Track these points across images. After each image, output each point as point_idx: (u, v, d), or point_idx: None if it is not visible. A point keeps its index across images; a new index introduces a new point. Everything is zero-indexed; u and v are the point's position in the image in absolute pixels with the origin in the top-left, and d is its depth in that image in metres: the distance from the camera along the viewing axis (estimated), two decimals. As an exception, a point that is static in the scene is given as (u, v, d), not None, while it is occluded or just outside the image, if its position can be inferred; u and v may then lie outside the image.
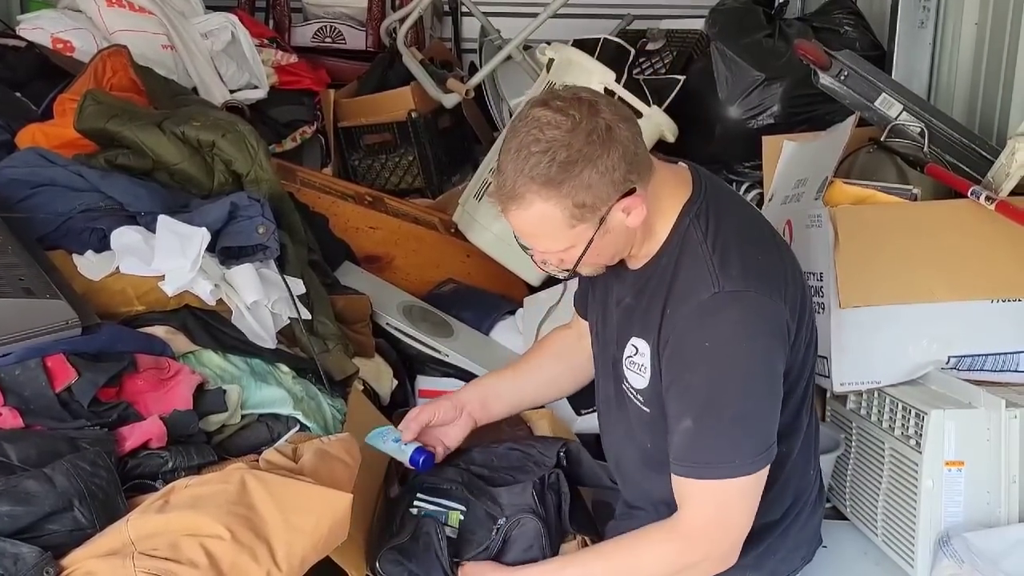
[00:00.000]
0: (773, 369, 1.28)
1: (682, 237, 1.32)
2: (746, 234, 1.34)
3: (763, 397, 1.28)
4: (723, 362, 1.26)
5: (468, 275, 2.73)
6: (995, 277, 1.71)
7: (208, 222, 1.71)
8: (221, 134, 1.93)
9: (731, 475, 1.26)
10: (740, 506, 1.29)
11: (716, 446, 1.27)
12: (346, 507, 1.23)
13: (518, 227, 1.28)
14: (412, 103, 3.01)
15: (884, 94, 2.09)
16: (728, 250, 1.29)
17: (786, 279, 1.32)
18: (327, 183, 2.81)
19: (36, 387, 1.36)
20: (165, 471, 1.35)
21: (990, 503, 1.58)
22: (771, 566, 1.43)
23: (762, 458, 1.27)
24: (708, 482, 1.27)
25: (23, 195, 1.74)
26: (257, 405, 1.59)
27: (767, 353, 1.27)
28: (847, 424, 1.88)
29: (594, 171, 1.19)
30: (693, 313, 1.26)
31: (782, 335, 1.29)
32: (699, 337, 1.26)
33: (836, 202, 1.82)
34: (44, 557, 1.10)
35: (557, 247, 1.28)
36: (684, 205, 1.33)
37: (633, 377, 1.39)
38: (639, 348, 1.36)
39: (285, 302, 1.79)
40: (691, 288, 1.28)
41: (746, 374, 1.26)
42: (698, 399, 1.27)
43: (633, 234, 1.31)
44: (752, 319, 1.26)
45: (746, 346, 1.26)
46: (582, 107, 1.20)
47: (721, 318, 1.25)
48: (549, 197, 1.20)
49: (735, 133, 2.63)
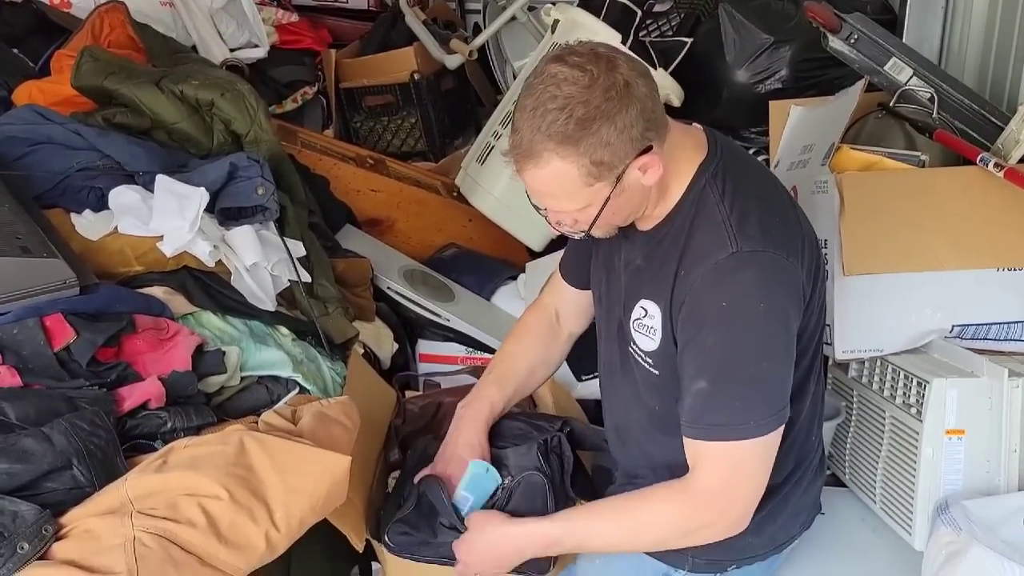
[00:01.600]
0: (789, 330, 1.27)
1: (697, 197, 1.30)
2: (763, 196, 1.33)
3: (779, 358, 1.26)
4: (740, 322, 1.24)
5: (470, 239, 2.72)
6: (1002, 245, 1.69)
7: (207, 182, 1.70)
8: (220, 93, 1.91)
9: (745, 436, 1.24)
10: (753, 468, 1.28)
11: (730, 407, 1.25)
12: (344, 469, 1.23)
13: (533, 186, 1.25)
14: (415, 64, 2.97)
15: (894, 58, 2.06)
16: (746, 211, 1.27)
17: (802, 242, 1.31)
18: (328, 145, 2.79)
19: (34, 346, 1.36)
20: (164, 431, 1.36)
21: (989, 472, 1.58)
22: (771, 532, 1.43)
23: (775, 419, 1.26)
24: (721, 444, 1.25)
25: (20, 153, 1.73)
26: (256, 367, 1.59)
27: (784, 314, 1.26)
28: (848, 392, 1.87)
29: (612, 128, 1.17)
30: (710, 273, 1.24)
31: (798, 297, 1.28)
32: (716, 297, 1.24)
33: (843, 168, 1.79)
34: (43, 515, 1.10)
35: (573, 206, 1.26)
36: (700, 166, 1.31)
37: (642, 340, 1.37)
38: (648, 310, 1.34)
39: (285, 264, 1.78)
40: (708, 248, 1.26)
41: (763, 334, 1.25)
42: (714, 360, 1.26)
43: (648, 193, 1.29)
44: (770, 279, 1.24)
45: (764, 306, 1.24)
46: (600, 63, 1.18)
47: (739, 278, 1.24)
48: (566, 155, 1.18)
49: (742, 98, 2.59)
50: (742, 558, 1.45)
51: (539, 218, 2.00)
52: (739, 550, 1.43)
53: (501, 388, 1.56)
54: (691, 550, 1.41)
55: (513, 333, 1.66)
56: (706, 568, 1.44)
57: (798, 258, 1.28)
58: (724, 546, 1.41)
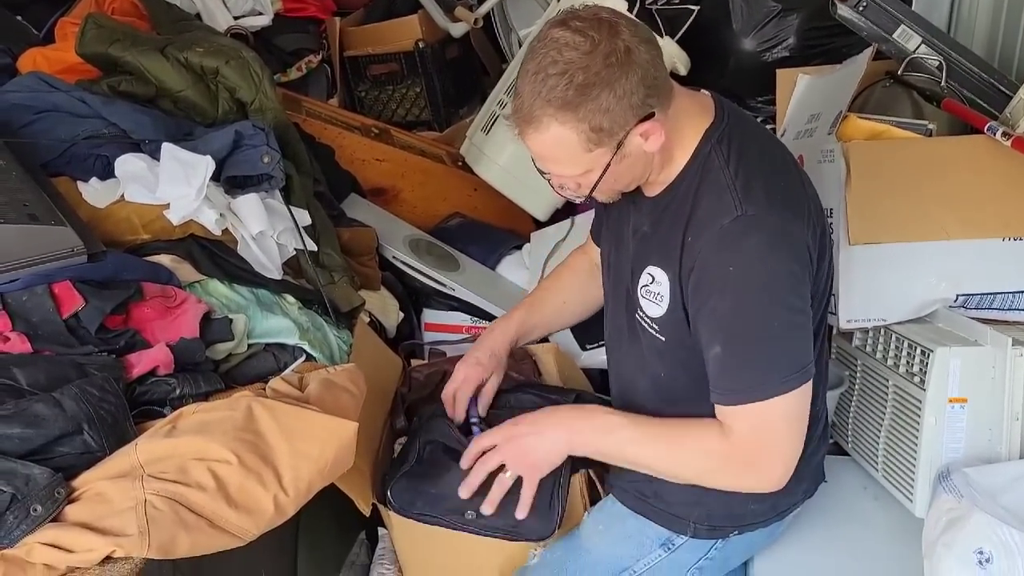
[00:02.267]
0: (797, 291, 1.27)
1: (702, 163, 1.30)
2: (769, 161, 1.33)
3: (790, 318, 1.26)
4: (748, 285, 1.24)
5: (475, 209, 2.72)
6: (1008, 215, 1.69)
7: (213, 150, 1.70)
8: (225, 60, 1.90)
9: (765, 396, 1.24)
10: (785, 427, 1.27)
11: (746, 369, 1.26)
12: (352, 435, 1.24)
13: (535, 150, 1.26)
14: (419, 32, 2.94)
15: (903, 26, 2.04)
16: (751, 175, 1.27)
17: (808, 207, 1.31)
18: (333, 114, 2.78)
19: (44, 313, 1.37)
20: (172, 398, 1.37)
21: (991, 440, 1.59)
22: (772, 499, 1.44)
23: (796, 377, 1.25)
24: (747, 407, 1.25)
25: (26, 120, 1.72)
26: (263, 334, 1.60)
27: (791, 276, 1.26)
28: (851, 361, 1.88)
29: (611, 95, 1.17)
30: (715, 238, 1.25)
31: (805, 260, 1.28)
32: (723, 261, 1.24)
33: (850, 137, 1.78)
34: (55, 478, 1.11)
35: (574, 172, 1.26)
36: (705, 131, 1.31)
37: (648, 306, 1.38)
38: (655, 277, 1.35)
39: (291, 233, 1.79)
40: (713, 214, 1.26)
41: (771, 296, 1.25)
42: (724, 324, 1.26)
43: (651, 160, 1.29)
44: (776, 242, 1.25)
45: (771, 268, 1.24)
46: (602, 28, 1.18)
47: (745, 242, 1.24)
48: (565, 121, 1.18)
49: (749, 66, 2.57)
50: (744, 524, 1.47)
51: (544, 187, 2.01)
52: (740, 517, 1.45)
53: (529, 311, 1.62)
54: (694, 516, 1.44)
55: (554, 272, 1.73)
56: (708, 534, 1.46)
57: (804, 222, 1.28)
58: (726, 513, 1.43)
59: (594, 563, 1.49)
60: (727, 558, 1.51)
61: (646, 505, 1.48)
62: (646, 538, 1.48)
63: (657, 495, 1.46)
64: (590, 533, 1.54)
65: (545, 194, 2.57)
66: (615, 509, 1.52)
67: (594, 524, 1.54)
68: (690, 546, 1.47)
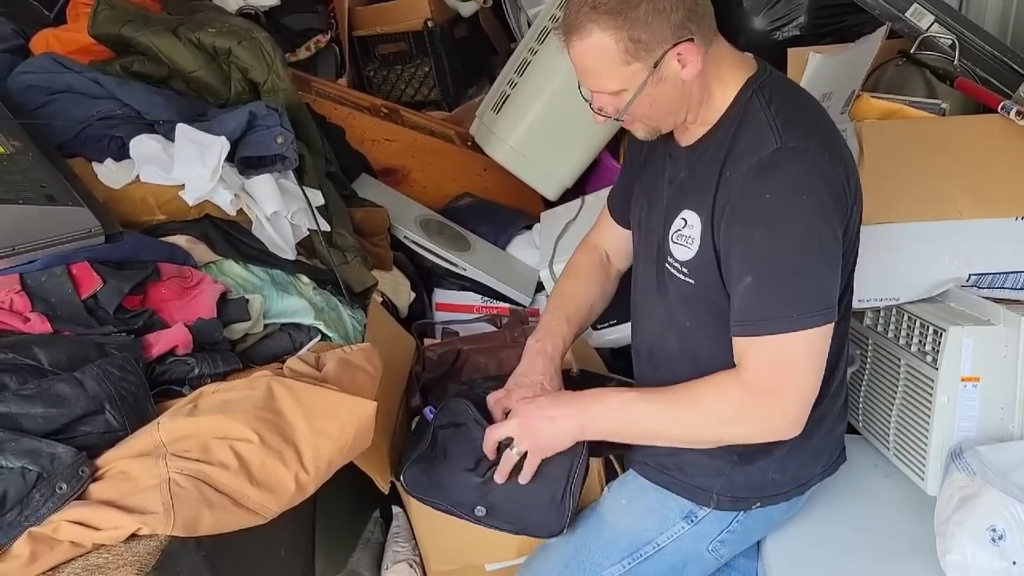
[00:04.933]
0: (832, 229, 1.27)
1: (744, 107, 1.32)
2: (811, 108, 1.35)
3: (822, 254, 1.26)
4: (782, 215, 1.25)
5: (485, 189, 2.72)
6: (1021, 194, 1.68)
7: (227, 131, 1.70)
8: (237, 41, 1.90)
9: (789, 328, 1.25)
10: (802, 363, 1.27)
11: (775, 300, 1.26)
12: (371, 413, 1.25)
13: (577, 62, 1.30)
14: (428, 11, 2.93)
15: (915, 4, 2.03)
16: (792, 114, 1.29)
17: (847, 157, 1.32)
18: (342, 94, 2.77)
19: (62, 294, 1.38)
20: (191, 377, 1.38)
21: (1003, 418, 1.59)
22: (794, 470, 1.46)
23: (820, 316, 1.25)
24: (768, 338, 1.26)
25: (40, 102, 1.72)
26: (279, 315, 1.61)
27: (825, 212, 1.26)
28: (863, 340, 1.88)
29: (651, 7, 1.22)
30: (753, 168, 1.26)
31: (842, 200, 1.28)
32: (760, 191, 1.26)
33: (863, 116, 1.78)
34: (80, 456, 1.13)
35: (611, 86, 1.29)
36: (748, 79, 1.33)
37: (679, 250, 1.39)
38: (688, 220, 1.36)
39: (304, 213, 1.79)
40: (752, 147, 1.28)
41: (806, 228, 1.25)
42: (758, 254, 1.27)
43: (689, 92, 1.31)
44: (814, 176, 1.25)
45: (806, 201, 1.24)
46: None
47: (782, 171, 1.25)
48: (607, 27, 1.23)
49: (759, 45, 2.53)
50: (766, 496, 1.48)
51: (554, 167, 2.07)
52: (762, 488, 1.47)
53: (571, 326, 1.61)
54: (716, 487, 1.44)
55: (568, 272, 1.71)
56: (731, 506, 1.47)
57: (842, 164, 1.28)
58: (748, 483, 1.45)
59: (617, 538, 1.50)
60: (748, 531, 1.52)
61: (668, 478, 1.49)
62: (669, 511, 1.49)
63: (679, 467, 1.47)
64: (612, 507, 1.54)
65: (555, 174, 2.58)
66: (636, 483, 1.53)
67: (615, 499, 1.55)
68: (713, 518, 1.48)
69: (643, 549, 1.49)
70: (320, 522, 1.61)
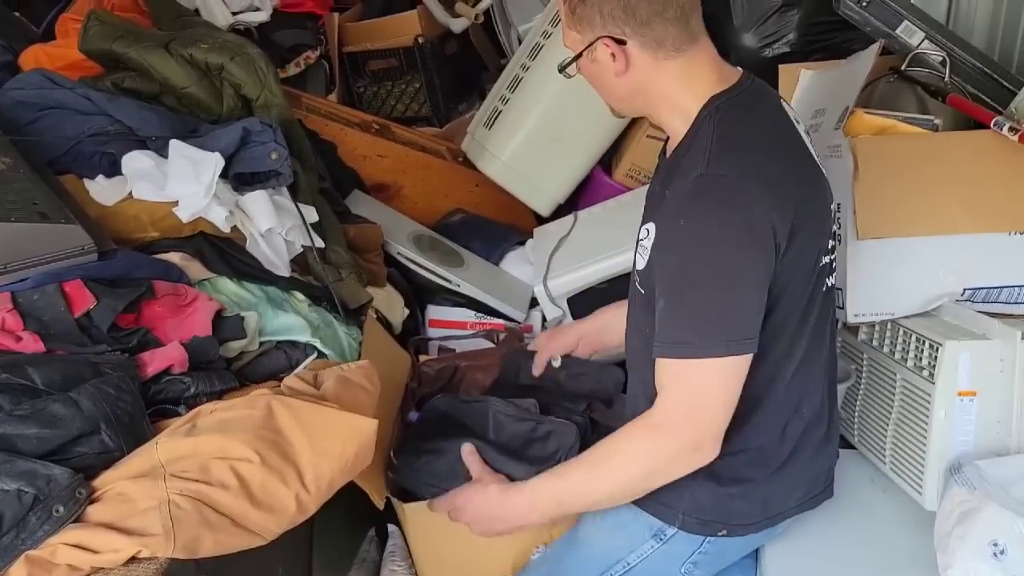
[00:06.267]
0: (747, 261, 1.26)
1: (699, 125, 1.33)
2: (759, 138, 1.34)
3: (731, 283, 1.26)
4: (692, 241, 1.26)
5: (476, 205, 2.72)
6: (1015, 209, 1.69)
7: (220, 147, 1.69)
8: (230, 57, 1.89)
9: (695, 356, 1.26)
10: (708, 391, 1.28)
11: (680, 325, 1.27)
12: (372, 431, 1.24)
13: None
14: (419, 28, 2.94)
15: (906, 21, 2.04)
16: (733, 142, 1.29)
17: (789, 193, 1.29)
18: (333, 110, 2.76)
19: (55, 312, 1.36)
20: (188, 396, 1.36)
21: (1000, 432, 1.60)
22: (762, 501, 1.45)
23: (727, 345, 1.26)
24: (674, 362, 1.28)
25: (30, 118, 1.71)
26: (275, 332, 1.59)
27: (738, 243, 1.25)
28: (858, 355, 1.89)
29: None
30: (677, 193, 1.28)
31: (762, 236, 1.26)
32: (676, 215, 1.28)
33: (857, 132, 1.79)
34: (76, 478, 1.11)
35: (565, 41, 1.38)
36: (711, 97, 1.33)
37: (639, 260, 1.40)
38: (649, 231, 1.37)
39: (299, 230, 1.78)
40: (685, 171, 1.29)
41: (713, 256, 1.25)
42: (668, 277, 1.29)
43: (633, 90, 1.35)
44: (728, 206, 1.25)
45: (716, 230, 1.25)
46: None
47: (699, 199, 1.26)
48: None
49: (750, 62, 2.57)
50: (732, 524, 1.45)
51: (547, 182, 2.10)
52: (729, 515, 1.45)
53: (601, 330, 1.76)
54: (682, 506, 1.43)
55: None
56: (698, 528, 1.45)
57: (772, 198, 1.26)
58: (714, 506, 1.43)
59: (589, 556, 1.51)
60: (722, 552, 1.50)
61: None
62: (638, 527, 1.48)
63: None
64: (587, 526, 1.55)
65: (548, 189, 2.58)
66: None
67: (591, 517, 1.55)
68: (681, 538, 1.46)
69: (614, 568, 1.49)
70: (318, 540, 1.59)
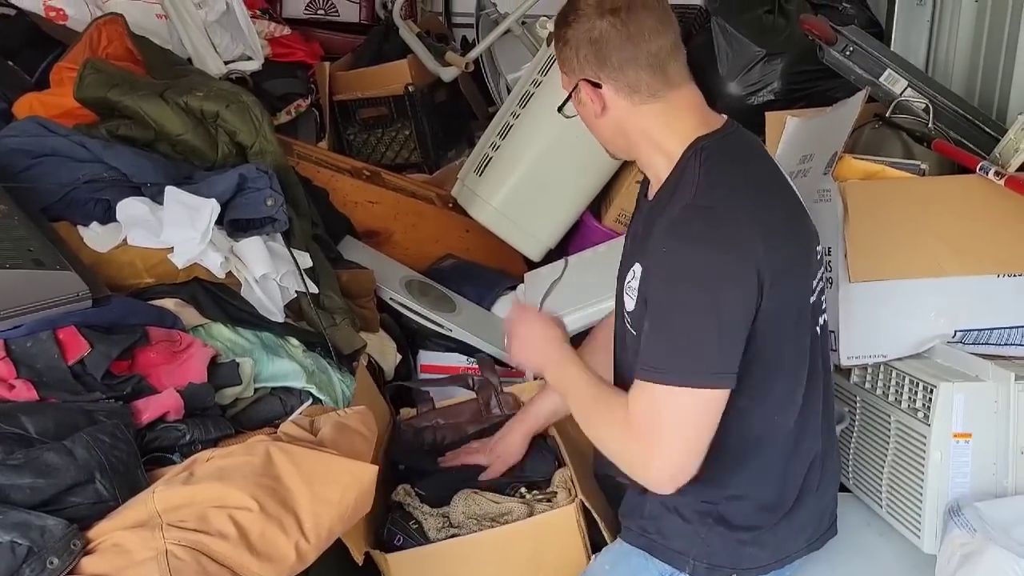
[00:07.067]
0: (731, 292, 1.26)
1: (684, 164, 1.34)
2: (748, 173, 1.36)
3: (708, 316, 1.26)
4: (675, 270, 1.27)
5: (467, 250, 2.72)
6: (1003, 252, 1.72)
7: (216, 193, 1.69)
8: (225, 105, 1.90)
9: (666, 382, 1.25)
10: (678, 420, 1.27)
11: (656, 350, 1.28)
12: (371, 478, 1.23)
13: None
14: (409, 76, 2.98)
15: (889, 70, 2.10)
16: (721, 176, 1.31)
17: (776, 229, 1.31)
18: (324, 157, 2.78)
19: (49, 359, 1.35)
20: (183, 444, 1.35)
21: (996, 474, 1.60)
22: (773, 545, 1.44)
23: (700, 377, 1.25)
24: (649, 384, 1.27)
25: (25, 165, 1.71)
26: (270, 378, 1.58)
27: (720, 277, 1.26)
28: (851, 397, 1.89)
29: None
30: (667, 223, 1.30)
31: (747, 270, 1.26)
32: (662, 244, 1.29)
33: (846, 177, 1.82)
34: (71, 529, 1.09)
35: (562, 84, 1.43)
36: (696, 138, 1.35)
37: (627, 301, 1.41)
38: (636, 272, 1.38)
39: (293, 276, 1.78)
40: (674, 204, 1.31)
41: (696, 285, 1.26)
42: (653, 304, 1.31)
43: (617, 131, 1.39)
44: (715, 235, 1.26)
45: (700, 259, 1.26)
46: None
47: (685, 228, 1.28)
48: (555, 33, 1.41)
49: (735, 109, 2.60)
50: (742, 568, 1.45)
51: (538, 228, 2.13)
52: (739, 559, 1.44)
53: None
54: (694, 552, 1.43)
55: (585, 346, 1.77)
56: (707, 574, 1.44)
57: (759, 233, 1.27)
58: (725, 552, 1.43)
59: None
60: None
61: (649, 541, 1.47)
62: (648, 574, 1.47)
63: (659, 531, 1.46)
64: (596, 573, 1.53)
65: (538, 235, 2.59)
66: (621, 548, 1.52)
67: (600, 564, 1.54)
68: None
69: None
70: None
